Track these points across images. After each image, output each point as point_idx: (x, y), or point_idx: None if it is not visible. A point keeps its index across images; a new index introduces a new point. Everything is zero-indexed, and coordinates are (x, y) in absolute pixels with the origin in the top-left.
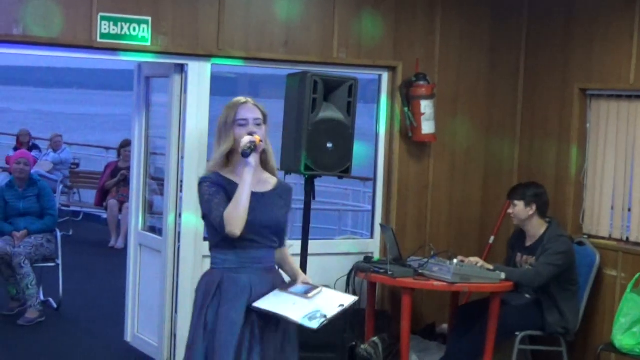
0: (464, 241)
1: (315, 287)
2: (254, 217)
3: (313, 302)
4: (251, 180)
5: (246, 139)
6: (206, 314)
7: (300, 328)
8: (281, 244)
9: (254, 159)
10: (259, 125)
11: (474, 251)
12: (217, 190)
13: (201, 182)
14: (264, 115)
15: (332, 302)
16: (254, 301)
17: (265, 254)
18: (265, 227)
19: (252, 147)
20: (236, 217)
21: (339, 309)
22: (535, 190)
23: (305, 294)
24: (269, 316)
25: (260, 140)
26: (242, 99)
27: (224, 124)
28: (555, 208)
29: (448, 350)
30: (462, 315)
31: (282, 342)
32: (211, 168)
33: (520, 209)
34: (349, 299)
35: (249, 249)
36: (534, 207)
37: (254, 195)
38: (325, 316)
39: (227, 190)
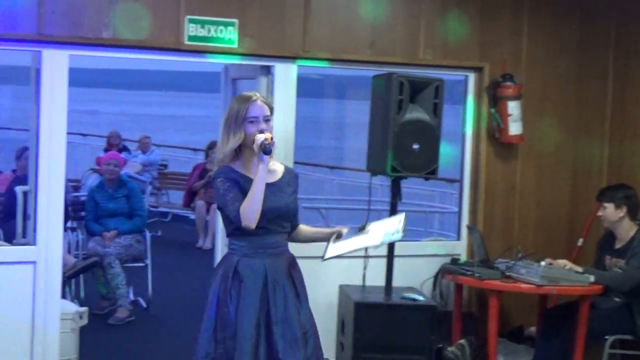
0: (552, 243)
1: (360, 227)
2: (266, 206)
3: (374, 232)
4: (265, 175)
5: (260, 137)
6: (230, 294)
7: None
8: (294, 227)
9: (268, 156)
10: (267, 121)
11: (562, 253)
12: (230, 185)
13: (215, 178)
14: (271, 110)
15: (389, 224)
16: (270, 282)
17: (278, 239)
18: (277, 216)
19: (269, 145)
20: (251, 212)
21: (403, 221)
22: (625, 192)
23: (360, 232)
24: (286, 298)
25: (272, 138)
26: (251, 95)
27: (234, 120)
28: None
29: (536, 353)
30: (551, 318)
31: (301, 321)
32: (222, 162)
33: (610, 211)
34: (401, 216)
35: (262, 236)
36: (625, 209)
37: (265, 186)
38: (399, 230)
39: (241, 184)
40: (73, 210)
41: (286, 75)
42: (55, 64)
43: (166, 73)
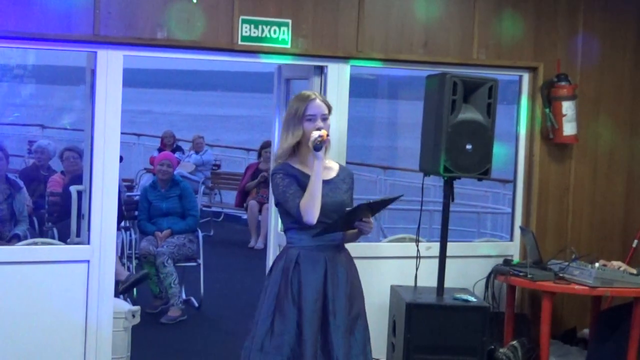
0: (606, 244)
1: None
2: (324, 202)
3: None
4: (321, 171)
5: (315, 134)
6: (291, 288)
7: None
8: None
9: (322, 152)
10: (325, 119)
11: (616, 255)
12: (290, 181)
13: (274, 174)
14: (330, 110)
15: None
16: (329, 275)
17: (335, 233)
18: (333, 211)
19: (322, 142)
20: (312, 207)
21: None
22: None
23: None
24: (342, 290)
25: (328, 135)
26: (310, 93)
27: (293, 117)
28: None
29: (589, 356)
30: (604, 321)
31: (353, 314)
32: (280, 158)
33: None
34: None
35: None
36: None
37: (322, 183)
38: None
39: (299, 180)
40: (126, 210)
41: (339, 75)
42: (110, 65)
43: (220, 73)
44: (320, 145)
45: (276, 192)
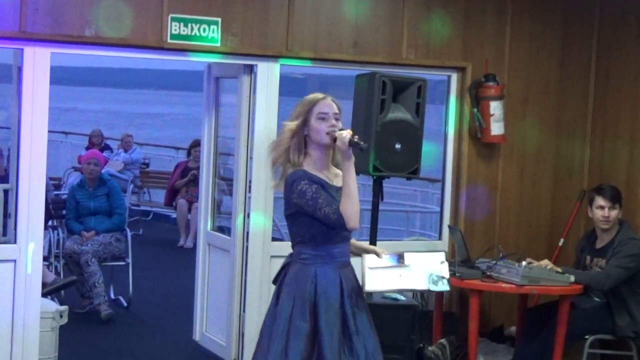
0: (533, 243)
1: (398, 254)
2: None
3: (416, 268)
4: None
5: (345, 134)
6: (306, 308)
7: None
8: None
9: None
10: (337, 120)
11: (543, 253)
12: (317, 188)
13: (297, 180)
14: (340, 112)
15: (429, 262)
16: (346, 292)
17: (347, 247)
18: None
19: (361, 142)
20: (355, 212)
21: (446, 266)
22: (620, 193)
23: (399, 263)
24: (360, 305)
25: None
26: (319, 95)
27: (301, 116)
28: (626, 210)
29: (516, 353)
30: (531, 318)
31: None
32: (277, 159)
33: (618, 212)
34: (441, 255)
35: (336, 244)
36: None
37: (338, 190)
38: (443, 277)
39: (323, 186)
40: (54, 209)
41: (269, 74)
42: (37, 62)
43: (151, 71)
44: (364, 145)
45: (302, 199)
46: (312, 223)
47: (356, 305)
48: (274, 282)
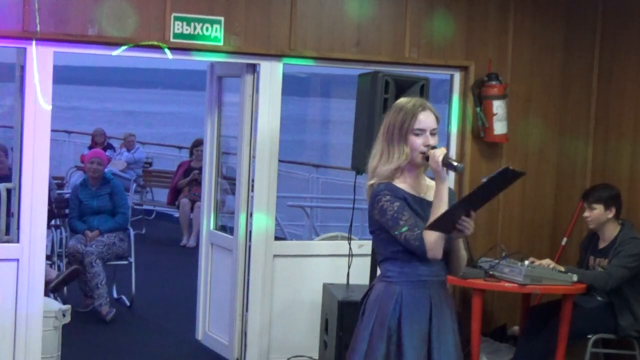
0: (536, 243)
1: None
2: None
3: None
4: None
5: (439, 153)
6: (388, 329)
7: None
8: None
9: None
10: (434, 135)
11: (546, 253)
12: (401, 205)
13: (379, 195)
14: (438, 123)
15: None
16: (435, 318)
17: (441, 265)
18: (445, 239)
19: (457, 162)
20: (440, 240)
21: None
22: (611, 192)
23: None
24: (449, 334)
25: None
26: (418, 102)
27: (399, 127)
28: (629, 210)
29: (519, 352)
30: (534, 318)
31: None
32: (383, 178)
33: (599, 212)
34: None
35: (426, 263)
36: (614, 210)
37: (429, 204)
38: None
39: (409, 202)
40: (57, 208)
41: (272, 73)
42: (40, 61)
43: (152, 71)
44: (460, 165)
45: (383, 217)
46: (395, 240)
47: (449, 337)
48: (361, 302)
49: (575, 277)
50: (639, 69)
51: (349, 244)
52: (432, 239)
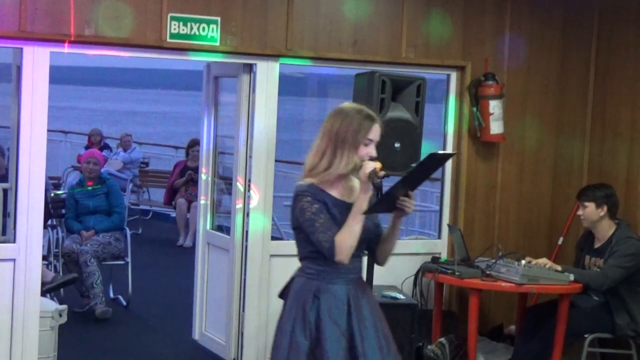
0: (533, 242)
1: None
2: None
3: None
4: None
5: (370, 166)
6: (307, 322)
7: None
8: (375, 247)
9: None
10: (375, 147)
11: (542, 252)
12: (319, 208)
13: (300, 195)
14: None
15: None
16: (354, 312)
17: (359, 264)
18: (363, 241)
19: (381, 180)
20: (350, 247)
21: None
22: (605, 191)
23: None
24: (370, 326)
25: (381, 168)
26: (369, 111)
27: (353, 136)
28: (625, 209)
29: (516, 352)
30: (530, 317)
31: (386, 353)
32: (319, 181)
33: (591, 210)
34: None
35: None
36: (605, 209)
37: (349, 207)
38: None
39: (329, 207)
40: (53, 208)
41: (268, 73)
42: (37, 61)
43: (149, 71)
44: (381, 183)
45: (301, 217)
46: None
47: (369, 326)
48: (280, 296)
49: (571, 277)
50: (635, 68)
51: None
52: (343, 244)
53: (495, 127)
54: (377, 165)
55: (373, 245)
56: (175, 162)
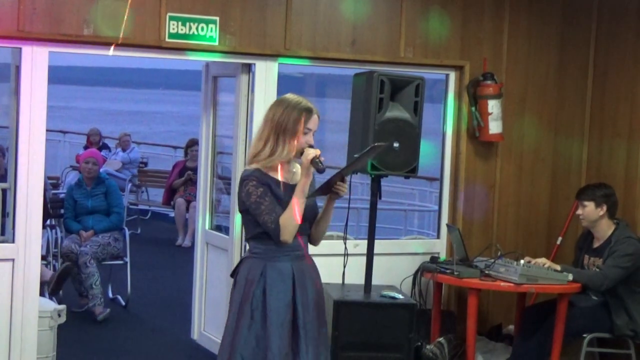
0: (531, 242)
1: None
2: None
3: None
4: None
5: (312, 153)
6: (252, 302)
7: None
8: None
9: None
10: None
11: (541, 252)
12: (264, 190)
13: (246, 180)
14: None
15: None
16: (298, 286)
17: (303, 242)
18: (306, 219)
19: (322, 165)
20: (293, 227)
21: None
22: (605, 190)
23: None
24: (312, 299)
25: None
26: (309, 103)
27: (291, 126)
28: (624, 209)
29: (514, 351)
30: (529, 317)
31: (318, 329)
32: (263, 166)
33: (590, 209)
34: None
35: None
36: (605, 208)
37: (293, 188)
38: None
39: (273, 189)
40: (52, 208)
41: (267, 73)
42: (35, 61)
43: (148, 71)
44: (324, 168)
45: (247, 200)
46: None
47: (311, 302)
48: (231, 275)
49: (570, 277)
50: (634, 68)
51: (345, 243)
52: (287, 225)
53: (494, 127)
54: (317, 151)
55: (310, 225)
56: (174, 162)
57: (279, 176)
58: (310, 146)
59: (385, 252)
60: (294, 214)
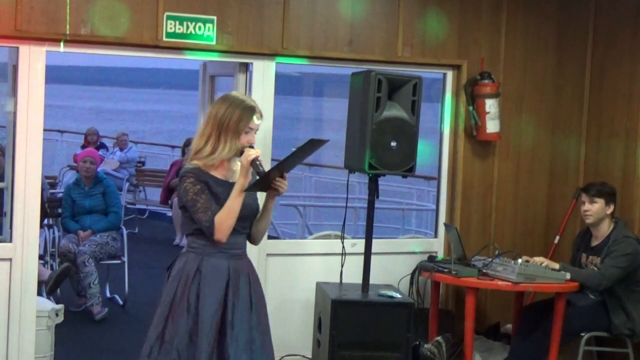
0: (529, 241)
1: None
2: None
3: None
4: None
5: (252, 154)
6: (188, 296)
7: None
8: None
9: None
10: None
11: (539, 251)
12: (201, 188)
13: (184, 176)
14: None
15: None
16: (231, 284)
17: (241, 240)
18: (245, 218)
19: (262, 167)
20: (228, 226)
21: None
22: (612, 189)
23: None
24: (244, 299)
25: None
26: (252, 103)
27: (234, 125)
28: (622, 208)
29: (512, 350)
30: (527, 316)
31: (255, 326)
32: (200, 164)
33: (600, 206)
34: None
35: (230, 235)
36: (612, 207)
37: (231, 186)
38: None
39: (211, 187)
40: (50, 208)
41: (265, 72)
42: (33, 60)
43: (145, 70)
44: (263, 170)
45: (185, 197)
46: None
47: (243, 300)
48: (167, 269)
49: (568, 276)
50: (631, 67)
51: (342, 242)
52: (222, 224)
53: (492, 126)
54: (257, 152)
55: (250, 223)
56: (171, 161)
57: (219, 174)
58: (252, 146)
59: (382, 251)
60: (230, 213)
